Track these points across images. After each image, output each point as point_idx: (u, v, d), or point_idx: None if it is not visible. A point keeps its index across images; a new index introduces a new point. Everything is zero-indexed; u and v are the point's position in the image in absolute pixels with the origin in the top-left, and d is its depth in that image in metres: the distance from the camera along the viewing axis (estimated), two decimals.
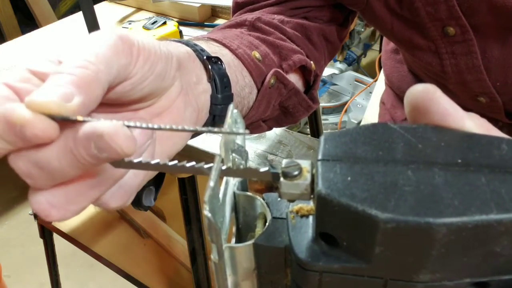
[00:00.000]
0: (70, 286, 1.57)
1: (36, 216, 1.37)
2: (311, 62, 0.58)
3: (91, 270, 1.64)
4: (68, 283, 1.54)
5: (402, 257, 0.20)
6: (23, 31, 1.84)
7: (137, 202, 0.88)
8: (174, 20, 1.16)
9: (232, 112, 0.25)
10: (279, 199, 0.26)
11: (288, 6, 0.60)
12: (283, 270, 0.25)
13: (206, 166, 0.24)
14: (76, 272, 1.64)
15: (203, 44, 0.44)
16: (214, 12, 1.28)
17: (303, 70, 0.58)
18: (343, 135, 0.23)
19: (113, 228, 1.50)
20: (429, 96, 0.23)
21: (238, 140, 0.26)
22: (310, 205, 0.25)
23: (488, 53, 0.56)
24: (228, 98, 0.42)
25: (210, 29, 1.22)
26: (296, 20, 0.59)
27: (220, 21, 1.26)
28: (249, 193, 0.27)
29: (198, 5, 1.23)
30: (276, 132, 0.80)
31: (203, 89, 0.40)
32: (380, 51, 2.12)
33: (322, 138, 0.23)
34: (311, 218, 0.24)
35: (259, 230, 0.27)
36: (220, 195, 0.24)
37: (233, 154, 0.26)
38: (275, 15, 0.58)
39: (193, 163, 0.24)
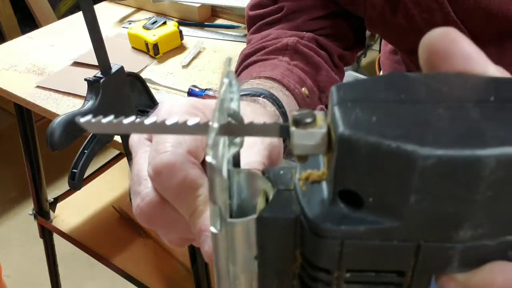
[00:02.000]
0: (70, 286, 1.57)
1: (36, 216, 1.37)
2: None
3: (91, 270, 1.64)
4: (68, 283, 1.54)
5: (441, 208, 0.17)
6: (23, 31, 1.84)
7: None
8: (174, 20, 1.16)
9: (229, 72, 0.22)
10: (281, 172, 0.22)
11: (302, 19, 0.62)
12: (291, 253, 0.21)
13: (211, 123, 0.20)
14: (76, 272, 1.64)
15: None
16: (214, 12, 1.28)
17: None
18: (357, 83, 0.20)
19: (113, 228, 1.50)
20: (449, 37, 0.20)
21: (233, 104, 0.23)
22: (321, 169, 0.21)
23: None
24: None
25: (210, 29, 1.22)
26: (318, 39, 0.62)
27: (220, 21, 1.26)
28: (246, 169, 0.23)
29: (198, 5, 1.23)
30: None
31: None
32: (380, 51, 2.12)
33: (333, 88, 0.19)
34: (324, 184, 0.20)
35: (260, 206, 0.22)
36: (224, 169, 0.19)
37: (229, 118, 0.22)
38: (304, 33, 0.60)
39: (197, 120, 0.21)
